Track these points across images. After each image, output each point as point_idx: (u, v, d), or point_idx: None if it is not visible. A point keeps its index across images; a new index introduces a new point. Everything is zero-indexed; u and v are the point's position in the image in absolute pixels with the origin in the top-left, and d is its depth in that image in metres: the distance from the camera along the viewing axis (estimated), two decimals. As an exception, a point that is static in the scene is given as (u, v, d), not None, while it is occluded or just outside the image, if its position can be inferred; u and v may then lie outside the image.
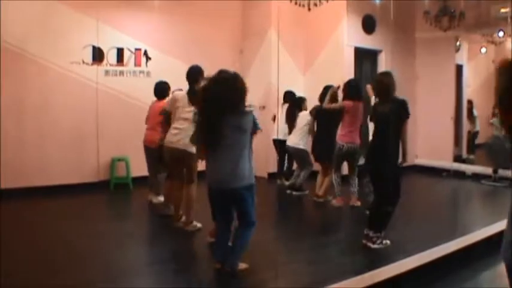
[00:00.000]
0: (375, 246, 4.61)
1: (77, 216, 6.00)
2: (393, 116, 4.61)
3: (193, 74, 5.07)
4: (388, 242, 4.68)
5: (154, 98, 6.55)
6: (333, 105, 6.50)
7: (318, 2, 6.94)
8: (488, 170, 8.47)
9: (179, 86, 5.63)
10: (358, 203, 6.47)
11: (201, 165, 4.36)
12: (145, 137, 6.49)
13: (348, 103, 6.30)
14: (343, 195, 6.54)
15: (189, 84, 5.09)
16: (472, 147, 10.61)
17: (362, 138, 6.50)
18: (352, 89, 6.37)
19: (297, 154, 7.20)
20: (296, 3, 7.11)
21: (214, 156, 3.81)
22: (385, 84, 4.68)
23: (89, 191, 7.18)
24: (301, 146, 7.08)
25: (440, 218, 6.10)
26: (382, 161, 4.63)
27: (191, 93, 4.94)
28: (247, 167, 3.79)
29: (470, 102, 10.32)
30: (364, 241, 4.69)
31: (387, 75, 4.81)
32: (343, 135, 6.37)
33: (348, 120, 6.34)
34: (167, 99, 5.98)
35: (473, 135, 10.40)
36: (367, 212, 5.26)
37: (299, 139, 7.07)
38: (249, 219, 3.93)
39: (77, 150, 7.39)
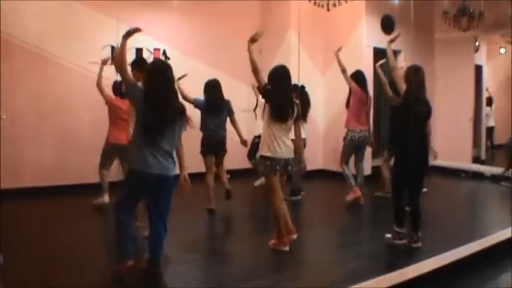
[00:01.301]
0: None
1: (93, 215, 6.08)
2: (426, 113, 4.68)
3: None
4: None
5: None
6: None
7: (337, 3, 6.93)
8: (507, 172, 8.38)
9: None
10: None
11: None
12: (118, 135, 6.26)
13: (356, 88, 6.57)
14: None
15: None
16: (490, 145, 10.56)
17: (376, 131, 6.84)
18: (358, 79, 6.62)
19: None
20: (315, 4, 7.10)
21: None
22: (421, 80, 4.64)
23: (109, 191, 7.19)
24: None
25: (460, 220, 6.07)
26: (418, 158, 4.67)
27: None
28: None
29: (489, 98, 10.34)
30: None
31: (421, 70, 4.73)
32: (352, 120, 6.59)
33: (355, 105, 6.58)
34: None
35: (487, 130, 10.36)
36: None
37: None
38: None
39: (97, 150, 7.44)
